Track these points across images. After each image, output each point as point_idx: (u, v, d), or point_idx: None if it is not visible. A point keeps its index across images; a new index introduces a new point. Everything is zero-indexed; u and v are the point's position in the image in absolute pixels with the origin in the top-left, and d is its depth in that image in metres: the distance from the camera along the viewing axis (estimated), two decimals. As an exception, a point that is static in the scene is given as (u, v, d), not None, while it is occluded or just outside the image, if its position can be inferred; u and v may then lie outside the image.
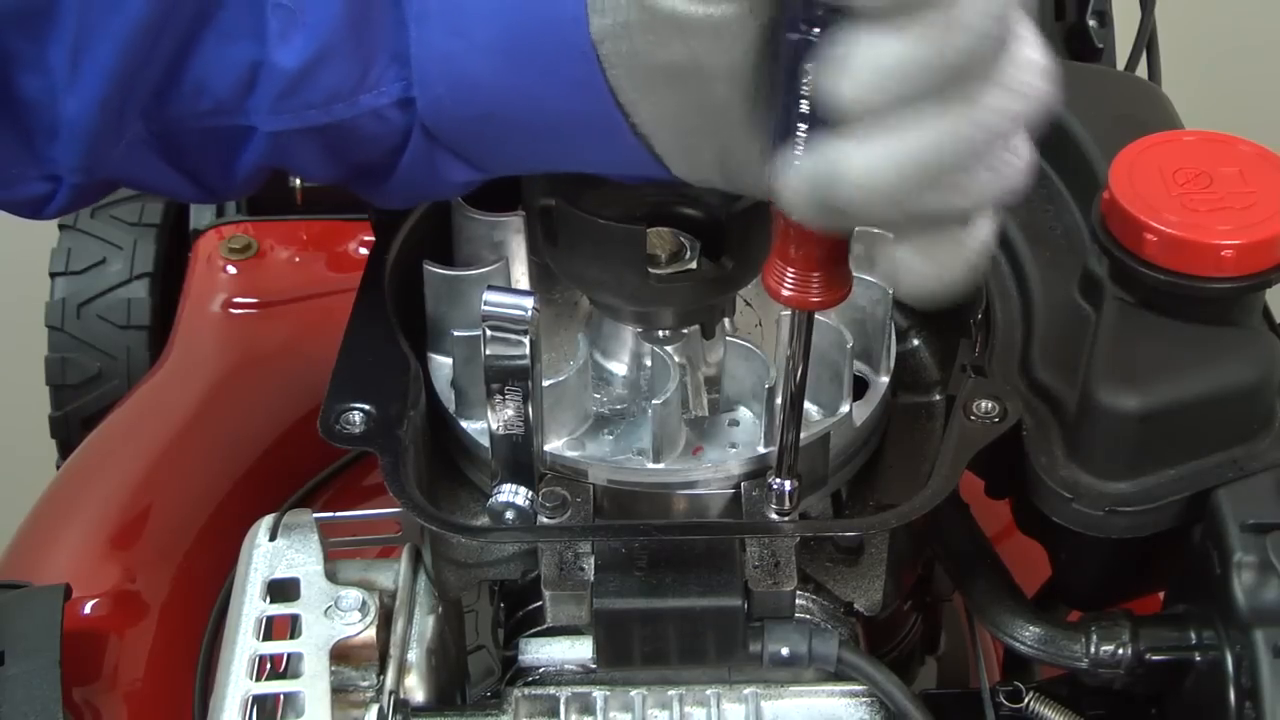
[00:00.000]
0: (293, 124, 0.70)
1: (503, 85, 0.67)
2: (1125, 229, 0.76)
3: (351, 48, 0.68)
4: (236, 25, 0.68)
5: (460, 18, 0.67)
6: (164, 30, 0.67)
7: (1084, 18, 1.38)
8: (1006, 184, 0.61)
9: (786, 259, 0.66)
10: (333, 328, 0.82)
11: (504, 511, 0.77)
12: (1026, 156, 0.62)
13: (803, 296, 0.66)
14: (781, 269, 0.66)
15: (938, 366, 0.89)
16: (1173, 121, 0.90)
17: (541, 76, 0.66)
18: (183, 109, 0.70)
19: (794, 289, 0.66)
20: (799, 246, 0.65)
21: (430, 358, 0.85)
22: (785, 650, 0.77)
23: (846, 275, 0.67)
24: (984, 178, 0.60)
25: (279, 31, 0.68)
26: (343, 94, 0.69)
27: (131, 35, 0.66)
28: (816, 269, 0.66)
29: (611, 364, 0.84)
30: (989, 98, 0.59)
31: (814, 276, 0.66)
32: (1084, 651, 0.77)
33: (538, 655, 0.80)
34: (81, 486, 1.20)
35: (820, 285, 0.66)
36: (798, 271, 0.66)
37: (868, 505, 0.84)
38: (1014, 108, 0.60)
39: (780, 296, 0.67)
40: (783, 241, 0.66)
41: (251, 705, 0.75)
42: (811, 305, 0.67)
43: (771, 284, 0.67)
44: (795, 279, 0.66)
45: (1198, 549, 0.75)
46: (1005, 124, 0.60)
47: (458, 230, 0.87)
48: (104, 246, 1.46)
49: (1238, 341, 0.77)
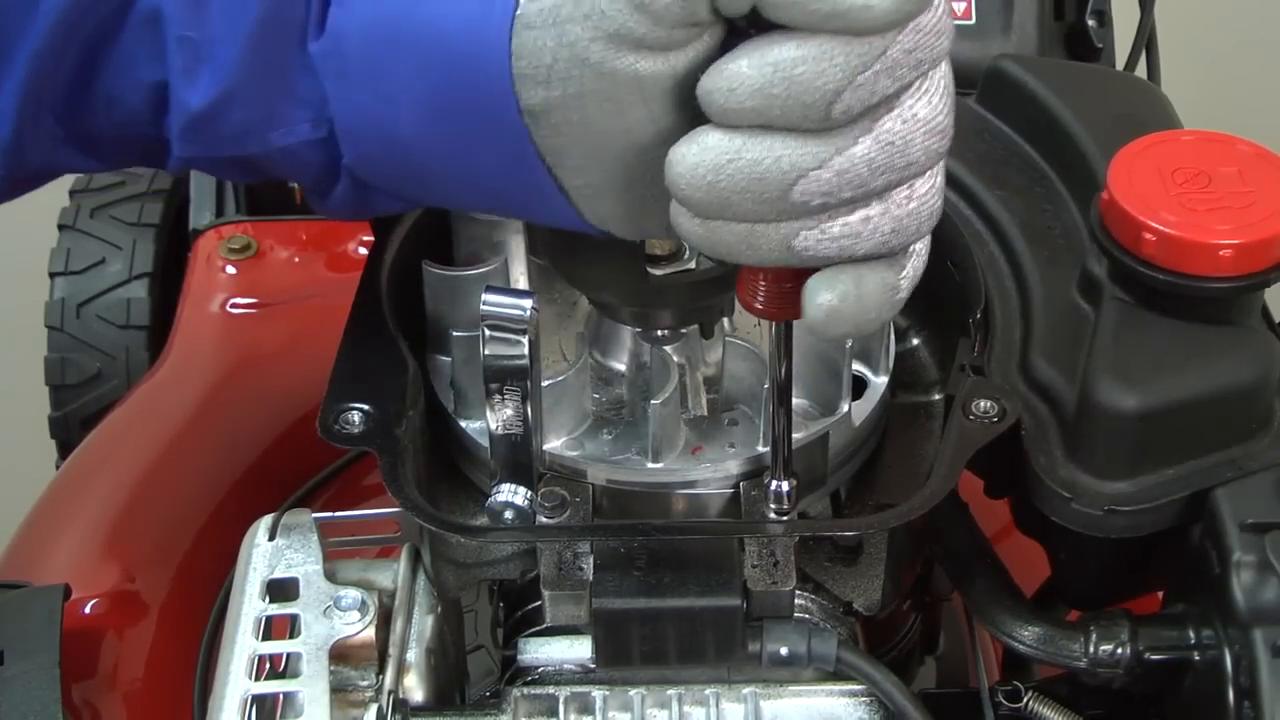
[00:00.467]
0: (206, 153, 0.70)
1: (433, 149, 0.67)
2: (1124, 229, 0.76)
3: (256, 91, 0.67)
4: (136, 52, 0.68)
5: (381, 81, 0.66)
6: (70, 41, 0.67)
7: (1084, 18, 1.38)
8: (908, 219, 0.62)
9: (758, 272, 0.66)
10: (333, 328, 0.82)
11: (503, 511, 0.78)
12: (927, 196, 0.63)
13: (778, 309, 0.67)
14: (755, 282, 0.67)
15: (937, 366, 0.89)
16: (1172, 121, 0.90)
17: (470, 144, 0.65)
18: (98, 119, 0.70)
19: (767, 302, 0.67)
20: None
21: (430, 358, 0.85)
22: (784, 650, 0.77)
23: None
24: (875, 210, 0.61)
25: (184, 68, 0.67)
26: (252, 132, 0.69)
27: (41, 45, 0.67)
28: (789, 280, 0.66)
29: (611, 364, 0.84)
30: None
31: (787, 288, 0.66)
32: (1083, 651, 0.77)
33: (537, 655, 0.80)
34: (81, 486, 1.20)
35: (794, 297, 0.66)
36: (769, 284, 0.66)
37: (867, 505, 0.84)
38: None
39: (754, 309, 0.67)
40: None
41: (251, 705, 0.75)
42: (786, 317, 0.68)
43: (745, 298, 0.67)
44: (768, 292, 0.66)
45: (1196, 549, 0.75)
46: None
47: (457, 230, 0.87)
48: (103, 246, 1.46)
49: (1236, 341, 0.77)
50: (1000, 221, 0.88)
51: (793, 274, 0.65)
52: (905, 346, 0.90)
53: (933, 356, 0.90)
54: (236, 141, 0.69)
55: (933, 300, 0.89)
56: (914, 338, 0.91)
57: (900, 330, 0.90)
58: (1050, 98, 0.90)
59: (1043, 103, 0.90)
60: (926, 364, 0.90)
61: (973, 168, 0.90)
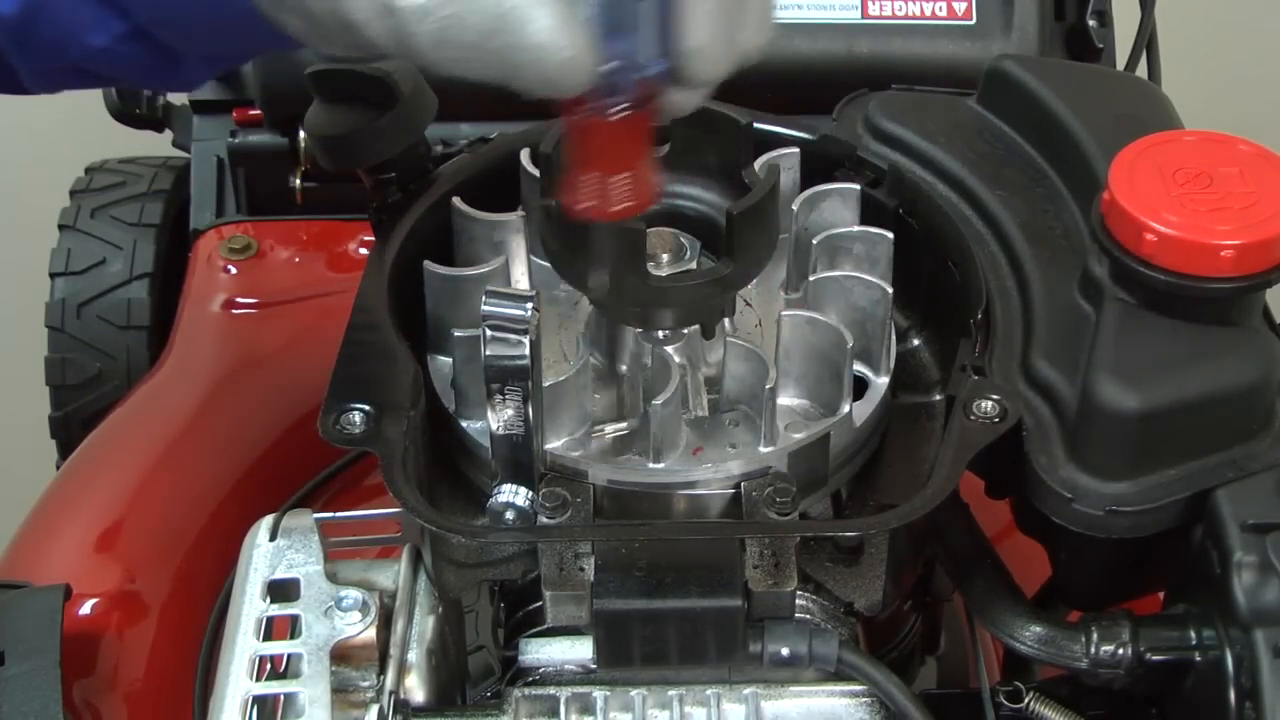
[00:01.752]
0: (41, 64, 0.73)
1: None
2: (1125, 229, 0.76)
3: None
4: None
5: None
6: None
7: (1084, 18, 1.38)
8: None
9: (585, 164, 0.64)
10: (333, 328, 0.82)
11: (504, 511, 0.77)
12: None
13: (603, 205, 0.65)
14: (578, 178, 0.64)
15: (938, 366, 0.89)
16: (1173, 121, 0.90)
17: None
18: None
19: (591, 197, 0.65)
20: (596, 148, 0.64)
21: (430, 358, 0.85)
22: (785, 650, 0.77)
23: (647, 181, 0.65)
24: None
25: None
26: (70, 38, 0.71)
27: None
28: (616, 171, 0.64)
29: (611, 364, 0.84)
30: None
31: (613, 180, 0.64)
32: (1084, 651, 0.77)
33: (538, 655, 0.80)
34: (81, 486, 1.20)
35: (621, 191, 0.64)
36: (595, 177, 0.64)
37: (868, 505, 0.84)
38: None
39: (578, 209, 0.65)
40: (579, 148, 0.64)
41: (251, 705, 0.75)
42: (612, 215, 0.66)
43: (568, 199, 0.65)
44: (592, 186, 0.65)
45: (1198, 549, 0.75)
46: None
47: (458, 230, 0.87)
48: (104, 247, 1.46)
49: (1238, 341, 0.77)
50: (1001, 222, 0.88)
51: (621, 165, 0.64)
52: (906, 347, 0.90)
53: (934, 357, 0.90)
54: (62, 51, 0.71)
55: (934, 300, 0.89)
56: (915, 338, 0.91)
57: (901, 331, 0.90)
58: (1051, 98, 0.90)
59: (1043, 103, 0.90)
60: (927, 364, 0.90)
61: (973, 168, 0.90)
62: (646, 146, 0.65)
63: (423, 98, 0.88)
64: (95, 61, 0.73)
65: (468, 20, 0.61)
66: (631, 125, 0.64)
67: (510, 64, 0.62)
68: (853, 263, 0.85)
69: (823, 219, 0.87)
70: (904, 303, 0.89)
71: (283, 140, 1.40)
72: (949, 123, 0.93)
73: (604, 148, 0.64)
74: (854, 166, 0.90)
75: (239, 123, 1.43)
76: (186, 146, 1.49)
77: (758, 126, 0.85)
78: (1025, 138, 0.92)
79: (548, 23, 0.60)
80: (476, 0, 0.61)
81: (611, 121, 0.63)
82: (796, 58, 1.28)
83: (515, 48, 0.61)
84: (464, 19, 0.61)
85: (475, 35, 0.61)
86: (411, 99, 0.87)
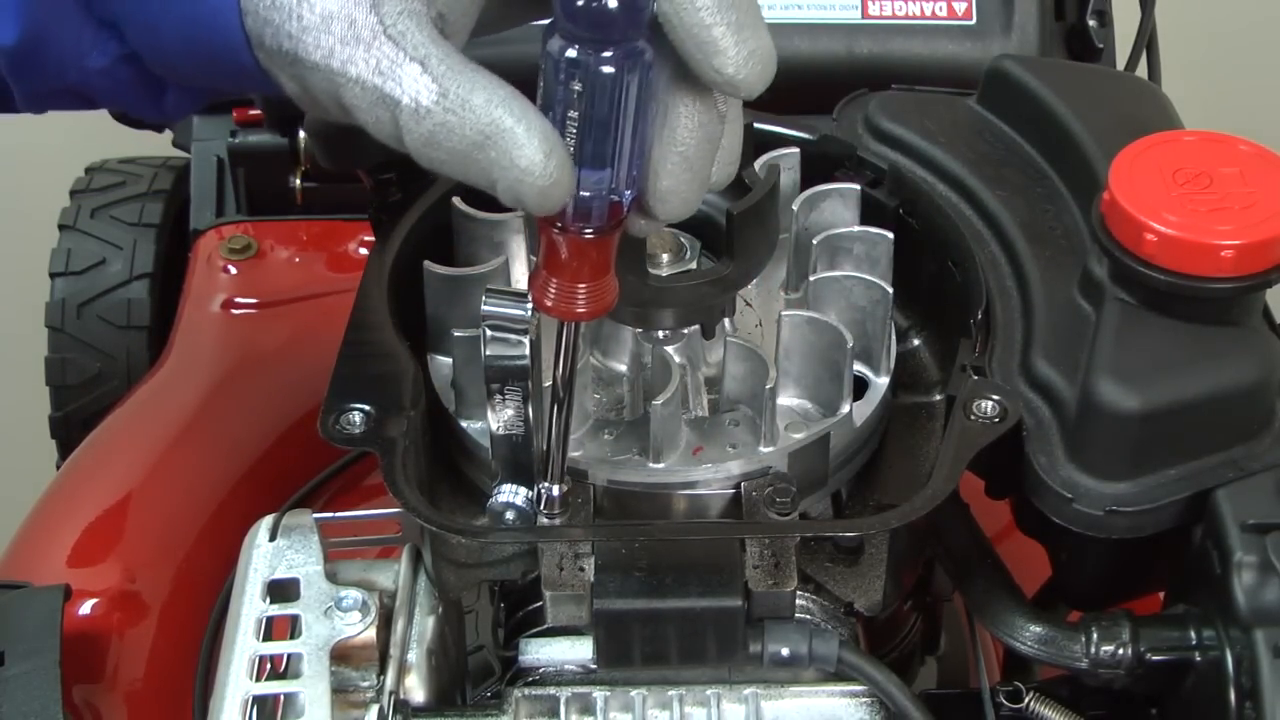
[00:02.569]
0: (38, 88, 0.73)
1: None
2: (1125, 229, 0.76)
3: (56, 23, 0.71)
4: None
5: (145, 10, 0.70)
6: None
7: (1084, 18, 1.38)
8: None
9: (553, 271, 0.68)
10: (333, 328, 0.82)
11: (504, 512, 0.77)
12: None
13: (568, 308, 0.68)
14: (546, 281, 0.68)
15: (938, 366, 0.89)
16: (1173, 121, 0.90)
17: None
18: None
19: (556, 300, 0.68)
20: (565, 259, 0.67)
21: (430, 358, 0.85)
22: (785, 650, 0.77)
23: (610, 288, 0.69)
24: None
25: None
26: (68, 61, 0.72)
27: None
28: (582, 280, 0.67)
29: (611, 364, 0.84)
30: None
31: (579, 289, 0.68)
32: (1084, 652, 0.77)
33: (538, 655, 0.80)
34: (81, 486, 1.20)
35: (585, 297, 0.68)
36: (562, 283, 0.68)
37: (868, 505, 0.84)
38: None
39: (544, 308, 0.69)
40: (549, 255, 0.67)
41: (251, 706, 0.75)
42: (577, 316, 0.69)
43: (536, 296, 0.69)
44: (559, 291, 0.68)
45: (1198, 549, 0.75)
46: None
47: (458, 230, 0.87)
48: (104, 247, 1.46)
49: (1238, 341, 0.77)
50: (1001, 222, 0.88)
51: (586, 273, 0.67)
52: (906, 347, 0.90)
53: (934, 357, 0.90)
54: (61, 74, 0.72)
55: (934, 301, 0.89)
56: (915, 338, 0.91)
57: (901, 331, 0.90)
58: (1051, 98, 0.90)
59: (1044, 103, 0.90)
60: (928, 364, 0.90)
61: (974, 168, 0.90)
62: (610, 260, 0.68)
63: (423, 98, 0.88)
64: (90, 84, 0.74)
65: (460, 131, 0.64)
66: (599, 243, 0.67)
67: (492, 177, 0.65)
68: (853, 263, 0.85)
69: (823, 219, 0.87)
70: (904, 303, 0.89)
71: (283, 140, 1.40)
72: (949, 123, 0.93)
73: (573, 260, 0.67)
74: (854, 166, 0.91)
75: (239, 123, 1.43)
76: (186, 146, 1.49)
77: (758, 126, 0.85)
78: (1025, 138, 0.92)
79: (535, 150, 0.63)
80: (473, 113, 0.64)
81: (581, 240, 0.67)
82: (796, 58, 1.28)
83: (500, 165, 0.64)
84: (457, 129, 0.64)
85: (465, 145, 0.64)
86: (411, 99, 0.87)
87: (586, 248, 0.67)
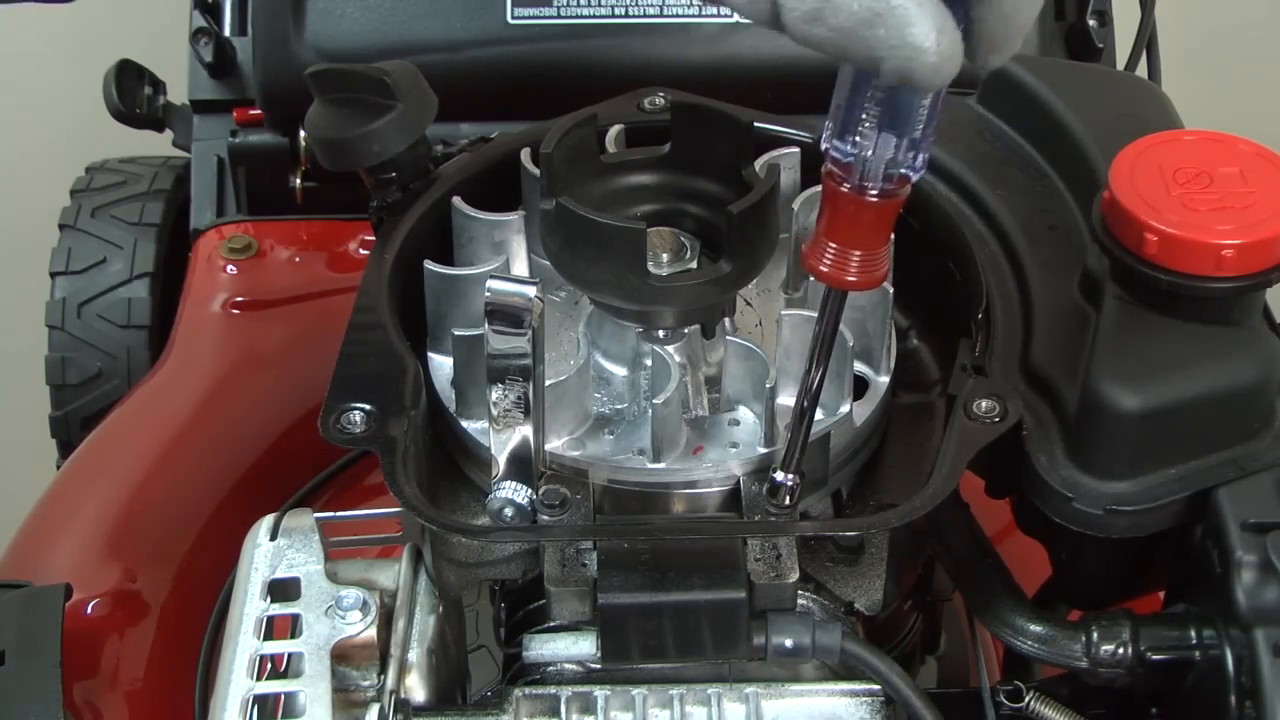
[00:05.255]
0: None
1: None
2: (1125, 229, 0.76)
3: None
4: None
5: None
6: None
7: (1084, 18, 1.38)
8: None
9: (832, 235, 0.67)
10: (333, 328, 0.82)
11: (503, 509, 0.77)
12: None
13: (839, 275, 0.68)
14: (823, 245, 0.68)
15: (938, 366, 0.89)
16: (1173, 121, 0.90)
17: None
18: None
19: (832, 266, 0.68)
20: (847, 220, 0.67)
21: (430, 358, 0.85)
22: (789, 642, 0.77)
23: (883, 262, 0.69)
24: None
25: None
26: None
27: None
28: (858, 247, 0.67)
29: (612, 364, 0.84)
30: None
31: (854, 255, 0.67)
32: (1084, 651, 0.77)
33: (541, 651, 0.80)
34: (81, 486, 1.20)
35: (859, 266, 0.67)
36: (839, 248, 0.67)
37: (868, 505, 0.84)
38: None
39: (819, 273, 0.68)
40: (831, 216, 0.67)
41: (252, 705, 0.75)
42: (847, 285, 0.69)
43: (811, 261, 0.68)
44: (835, 256, 0.67)
45: (1198, 548, 0.75)
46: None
47: (458, 230, 0.87)
48: (104, 246, 1.46)
49: (1238, 341, 0.77)
50: (1001, 221, 0.88)
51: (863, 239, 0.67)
52: (907, 346, 0.90)
53: (934, 356, 0.90)
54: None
55: (934, 300, 0.89)
56: (915, 338, 0.91)
57: (902, 330, 0.90)
58: (1051, 98, 0.90)
59: (1044, 103, 0.90)
60: (928, 364, 0.90)
61: (974, 168, 0.90)
62: (889, 231, 0.69)
63: (423, 98, 0.88)
64: None
65: (849, 6, 0.62)
66: (881, 208, 0.67)
67: (876, 55, 0.62)
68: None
69: (823, 219, 0.87)
70: (904, 303, 0.89)
71: (283, 140, 1.40)
72: (949, 122, 0.93)
73: (854, 222, 0.67)
74: (854, 166, 0.90)
75: (239, 123, 1.43)
76: (187, 146, 1.49)
77: (758, 126, 0.85)
78: (1025, 137, 0.92)
79: (928, 27, 0.61)
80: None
81: (868, 202, 0.67)
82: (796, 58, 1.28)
83: (889, 44, 0.62)
84: (845, 5, 0.62)
85: (853, 22, 0.62)
86: (411, 99, 0.87)
87: (868, 211, 0.67)
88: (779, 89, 1.23)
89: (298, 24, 1.32)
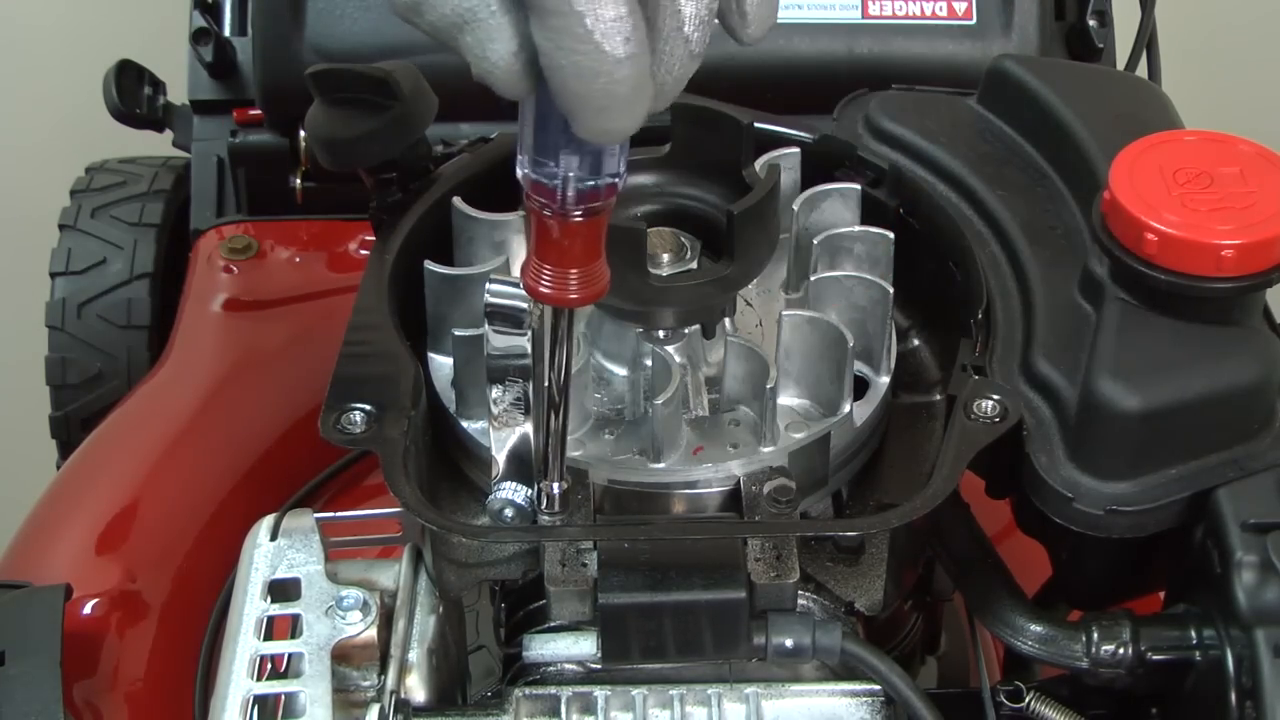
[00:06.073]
0: None
1: None
2: (1126, 229, 0.76)
3: None
4: None
5: None
6: None
7: (1084, 18, 1.38)
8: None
9: (546, 258, 0.67)
10: (333, 328, 0.82)
11: (503, 509, 0.77)
12: None
13: (561, 294, 0.67)
14: (539, 267, 0.67)
15: (938, 366, 0.89)
16: (1173, 121, 0.90)
17: None
18: None
19: (553, 287, 0.67)
20: (556, 243, 0.66)
21: (430, 358, 0.85)
22: (789, 642, 0.77)
23: (602, 274, 0.68)
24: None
25: None
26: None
27: None
28: (574, 265, 0.67)
29: (612, 364, 0.84)
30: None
31: (571, 274, 0.67)
32: (1085, 651, 0.77)
33: (542, 651, 0.80)
34: (81, 486, 1.20)
35: (578, 283, 0.67)
36: (554, 269, 0.67)
37: (868, 505, 0.84)
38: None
39: (540, 295, 0.68)
40: (540, 239, 0.67)
41: (252, 705, 0.75)
42: (570, 303, 0.68)
43: (529, 282, 0.68)
44: (553, 277, 0.67)
45: (1198, 549, 0.75)
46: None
47: (458, 230, 0.87)
48: (104, 246, 1.45)
49: (1238, 341, 0.77)
50: (1002, 222, 0.88)
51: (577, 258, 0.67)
52: (907, 347, 0.90)
53: (934, 357, 0.90)
54: None
55: (935, 300, 0.89)
56: (915, 338, 0.91)
57: (902, 330, 0.90)
58: (1051, 98, 0.90)
59: (1044, 103, 0.90)
60: (928, 364, 0.90)
61: (974, 168, 0.90)
62: (601, 244, 0.68)
63: (423, 98, 0.88)
64: None
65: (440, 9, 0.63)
66: (589, 225, 0.67)
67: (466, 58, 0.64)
68: (853, 262, 0.85)
69: (823, 219, 0.87)
70: (904, 303, 0.89)
71: (283, 140, 1.40)
72: (949, 123, 0.93)
73: (564, 243, 0.67)
74: (854, 166, 0.91)
75: (239, 123, 1.43)
76: (187, 146, 1.49)
77: (758, 126, 0.85)
78: (1025, 138, 0.92)
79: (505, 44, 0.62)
80: None
81: (571, 223, 0.66)
82: (796, 58, 1.28)
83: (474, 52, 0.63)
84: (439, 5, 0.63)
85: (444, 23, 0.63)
86: (411, 99, 0.87)
87: (577, 230, 0.66)
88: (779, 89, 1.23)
89: (298, 24, 1.32)
